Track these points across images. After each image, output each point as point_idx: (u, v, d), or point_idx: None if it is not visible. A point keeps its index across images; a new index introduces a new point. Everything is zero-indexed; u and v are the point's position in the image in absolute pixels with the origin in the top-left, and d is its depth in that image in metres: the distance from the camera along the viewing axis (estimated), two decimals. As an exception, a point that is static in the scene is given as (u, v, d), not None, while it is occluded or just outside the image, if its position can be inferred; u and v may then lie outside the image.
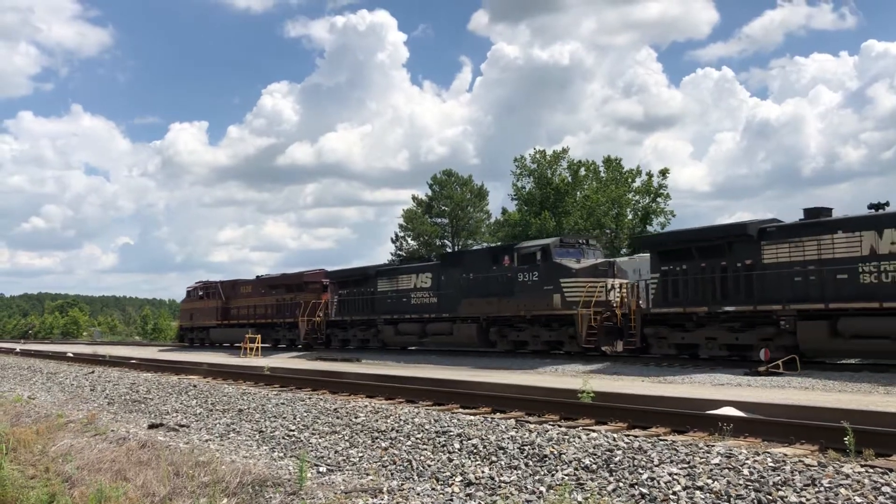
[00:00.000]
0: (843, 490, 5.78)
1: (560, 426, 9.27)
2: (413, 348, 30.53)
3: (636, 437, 8.15)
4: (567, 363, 21.51)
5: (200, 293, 45.78)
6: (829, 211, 18.88)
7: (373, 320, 30.81)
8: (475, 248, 26.22)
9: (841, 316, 16.66)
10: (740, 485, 6.12)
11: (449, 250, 60.82)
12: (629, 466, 6.93)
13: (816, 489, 5.86)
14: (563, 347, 23.31)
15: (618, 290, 22.47)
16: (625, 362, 20.94)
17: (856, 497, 5.67)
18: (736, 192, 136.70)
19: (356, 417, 10.43)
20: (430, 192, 66.14)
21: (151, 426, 11.94)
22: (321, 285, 35.94)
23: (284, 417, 11.25)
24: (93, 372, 22.37)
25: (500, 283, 24.56)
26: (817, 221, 18.08)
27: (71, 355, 33.71)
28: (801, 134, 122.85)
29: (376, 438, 9.24)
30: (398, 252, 64.75)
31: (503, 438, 8.30)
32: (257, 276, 41.96)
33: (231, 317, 41.75)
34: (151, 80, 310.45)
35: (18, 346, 49.68)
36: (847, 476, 6.03)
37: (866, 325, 16.23)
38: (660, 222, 50.09)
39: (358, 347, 32.36)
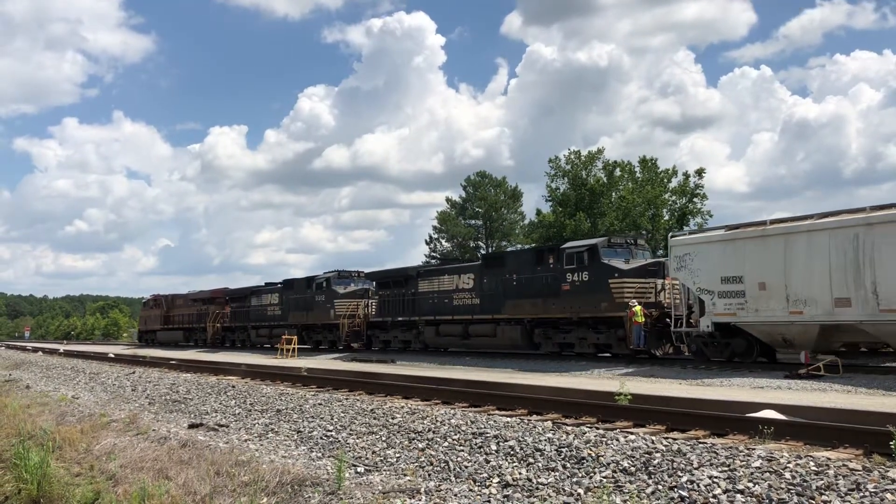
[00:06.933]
0: (888, 495, 5.68)
1: (597, 428, 9.22)
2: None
3: (675, 439, 8.07)
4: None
5: (151, 304, 57.00)
6: (454, 260, 36.69)
7: (246, 326, 43.03)
8: (300, 276, 40.43)
9: (441, 323, 28.64)
10: (782, 488, 6.04)
11: (483, 251, 60.83)
12: (668, 469, 6.87)
13: (861, 494, 5.76)
14: (337, 345, 34.69)
15: (366, 307, 34.03)
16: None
17: (902, 502, 5.56)
18: (775, 193, 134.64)
19: (393, 418, 10.48)
20: (463, 194, 66.16)
21: (192, 426, 12.12)
22: (224, 300, 45.94)
23: (322, 418, 11.35)
24: (133, 372, 22.80)
25: (307, 301, 36.87)
26: (438, 268, 31.37)
27: (112, 356, 34.36)
28: (842, 133, 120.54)
29: (413, 439, 9.28)
30: (432, 254, 64.87)
31: (540, 440, 8.29)
32: (188, 292, 52.79)
33: (170, 322, 52.47)
34: (192, 85, 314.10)
35: (62, 347, 50.84)
36: (893, 481, 5.92)
37: (449, 328, 28.31)
38: (697, 223, 49.42)
39: (240, 346, 43.43)
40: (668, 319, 20.88)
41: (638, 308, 20.71)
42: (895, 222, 15.96)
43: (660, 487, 6.54)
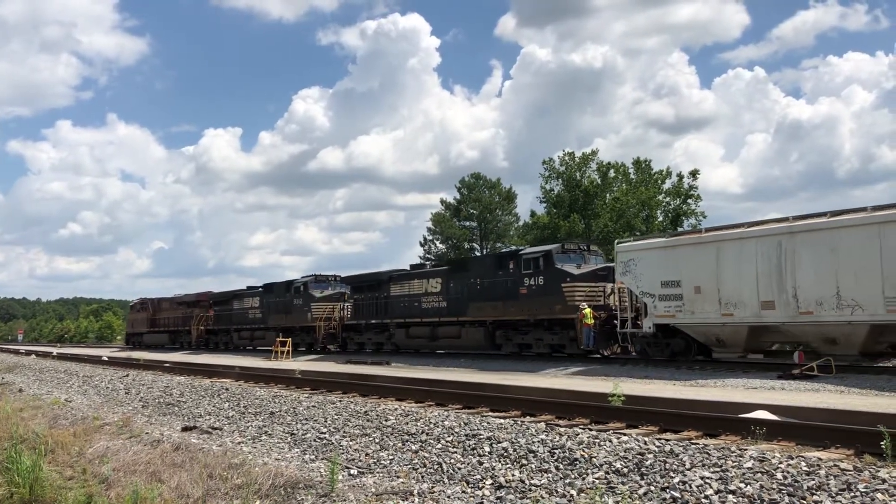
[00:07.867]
0: (879, 495, 5.70)
1: (590, 429, 9.23)
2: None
3: (667, 440, 8.09)
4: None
5: (138, 307, 58.24)
6: (424, 265, 38.03)
7: (229, 329, 44.89)
8: (278, 281, 41.93)
9: (411, 325, 29.97)
10: (773, 489, 6.05)
11: (478, 253, 60.85)
12: (660, 470, 6.89)
13: (852, 494, 5.78)
14: (314, 347, 36.25)
15: (342, 310, 35.43)
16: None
17: (892, 502, 5.58)
18: (769, 194, 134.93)
19: (386, 420, 10.48)
20: (458, 196, 66.16)
21: (185, 429, 12.10)
22: (208, 303, 47.58)
23: (315, 420, 11.34)
24: (127, 375, 22.72)
25: (286, 304, 38.55)
26: (408, 272, 32.28)
27: (106, 359, 34.27)
28: (835, 134, 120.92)
29: (406, 441, 9.28)
30: (427, 255, 64.86)
31: (533, 442, 8.30)
32: (174, 295, 54.13)
33: (157, 325, 53.95)
34: (187, 87, 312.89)
35: (55, 350, 50.67)
36: (884, 481, 5.94)
37: (419, 331, 29.75)
38: (691, 224, 49.54)
39: (223, 348, 44.95)
40: (615, 321, 22.09)
41: (587, 310, 22.01)
42: (813, 231, 17.05)
43: (652, 488, 6.55)
